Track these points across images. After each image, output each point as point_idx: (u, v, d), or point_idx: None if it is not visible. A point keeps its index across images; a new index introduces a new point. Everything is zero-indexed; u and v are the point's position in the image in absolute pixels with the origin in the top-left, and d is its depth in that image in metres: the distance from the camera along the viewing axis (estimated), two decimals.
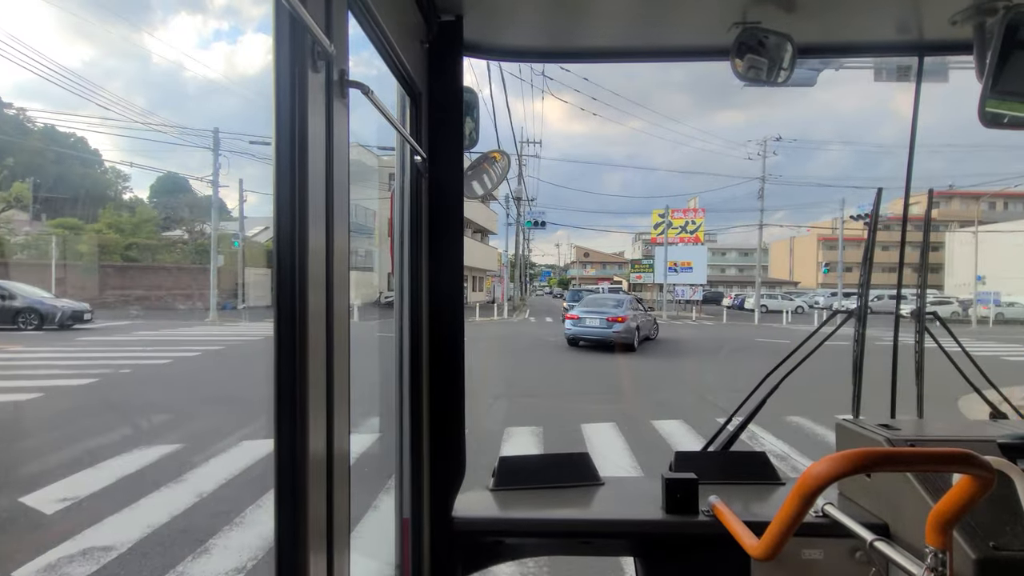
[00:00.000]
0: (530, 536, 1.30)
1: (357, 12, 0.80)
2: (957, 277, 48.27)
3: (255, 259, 25.93)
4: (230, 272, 23.45)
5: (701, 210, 32.06)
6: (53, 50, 25.65)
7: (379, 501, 3.67)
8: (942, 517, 0.68)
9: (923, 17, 1.24)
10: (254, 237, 29.82)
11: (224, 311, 22.42)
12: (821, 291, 45.14)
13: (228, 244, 23.45)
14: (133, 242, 20.10)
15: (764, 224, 30.42)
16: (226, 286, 23.06)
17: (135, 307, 15.66)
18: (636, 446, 5.64)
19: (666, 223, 31.24)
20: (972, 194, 55.60)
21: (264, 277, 25.70)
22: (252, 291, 24.00)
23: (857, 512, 1.20)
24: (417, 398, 1.20)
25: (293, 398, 0.63)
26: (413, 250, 1.19)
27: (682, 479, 1.22)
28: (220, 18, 69.90)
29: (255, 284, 24.61)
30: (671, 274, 30.68)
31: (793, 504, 0.72)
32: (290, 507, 0.63)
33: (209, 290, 19.44)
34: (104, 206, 20.52)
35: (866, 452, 0.68)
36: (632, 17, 1.27)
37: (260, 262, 26.10)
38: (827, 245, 58.46)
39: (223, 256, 19.63)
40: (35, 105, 17.47)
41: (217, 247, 17.88)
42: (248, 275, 24.13)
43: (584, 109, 45.03)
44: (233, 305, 23.12)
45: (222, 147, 18.59)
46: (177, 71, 53.41)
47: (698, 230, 31.89)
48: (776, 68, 1.23)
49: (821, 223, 55.43)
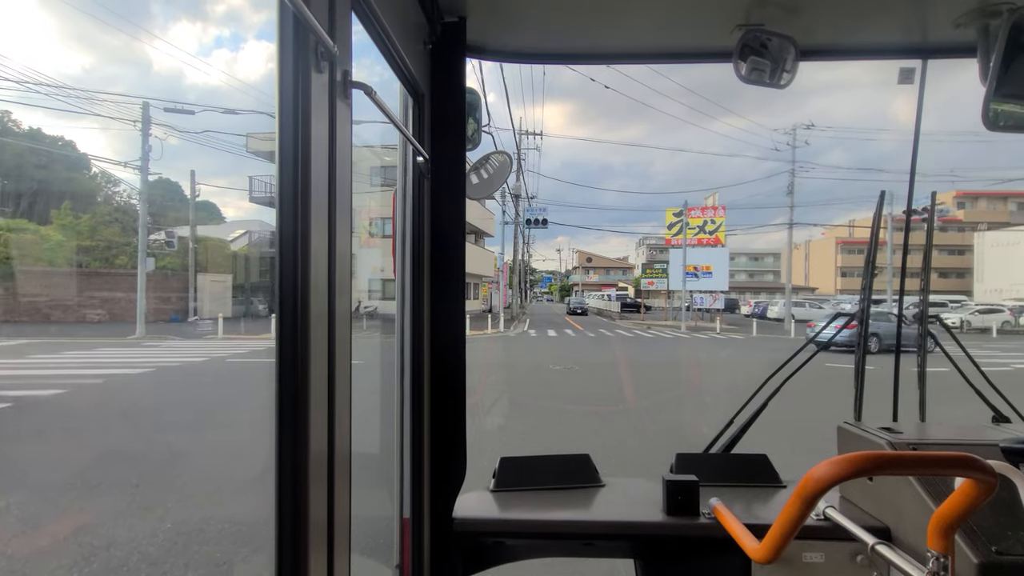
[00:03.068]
0: (531, 537, 1.29)
1: (361, 13, 0.81)
2: (988, 282, 44.97)
3: (215, 264, 22.51)
4: (180, 279, 20.06)
5: (721, 207, 28.60)
6: (53, 54, 23.61)
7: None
8: (944, 521, 0.69)
9: (926, 20, 1.24)
10: (232, 241, 26.54)
11: (173, 324, 19.23)
12: (842, 297, 42.15)
13: (181, 245, 20.07)
14: (83, 245, 17.01)
15: (788, 224, 26.97)
16: (172, 295, 19.69)
17: (26, 319, 12.25)
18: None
19: (683, 223, 27.74)
20: (1000, 194, 52.50)
21: (225, 285, 22.30)
22: (208, 301, 20.59)
23: (858, 515, 1.19)
24: (418, 398, 1.21)
25: (294, 398, 0.63)
26: (415, 250, 1.20)
27: (683, 481, 1.22)
28: (224, 18, 70.22)
29: (213, 293, 21.19)
30: (690, 280, 27.14)
31: (794, 507, 0.72)
32: (290, 507, 0.63)
33: (151, 298, 16.20)
34: (60, 207, 17.73)
35: (868, 455, 0.68)
36: (635, 19, 1.26)
37: (221, 267, 22.68)
38: (845, 249, 55.03)
39: (154, 260, 16.20)
40: (31, 113, 16.59)
41: (147, 248, 14.37)
42: (202, 282, 20.72)
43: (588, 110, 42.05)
44: (183, 318, 19.71)
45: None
46: (179, 72, 53.38)
47: (718, 230, 28.44)
48: (779, 70, 1.24)
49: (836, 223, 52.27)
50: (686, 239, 26.92)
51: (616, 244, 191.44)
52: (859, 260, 56.57)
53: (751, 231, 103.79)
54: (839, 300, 39.21)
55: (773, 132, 25.14)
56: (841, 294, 48.57)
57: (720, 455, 1.48)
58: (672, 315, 34.67)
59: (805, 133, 25.79)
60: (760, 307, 36.86)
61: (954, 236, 54.61)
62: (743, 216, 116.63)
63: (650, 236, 78.67)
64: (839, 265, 55.67)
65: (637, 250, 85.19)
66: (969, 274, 49.64)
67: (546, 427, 6.81)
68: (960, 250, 54.48)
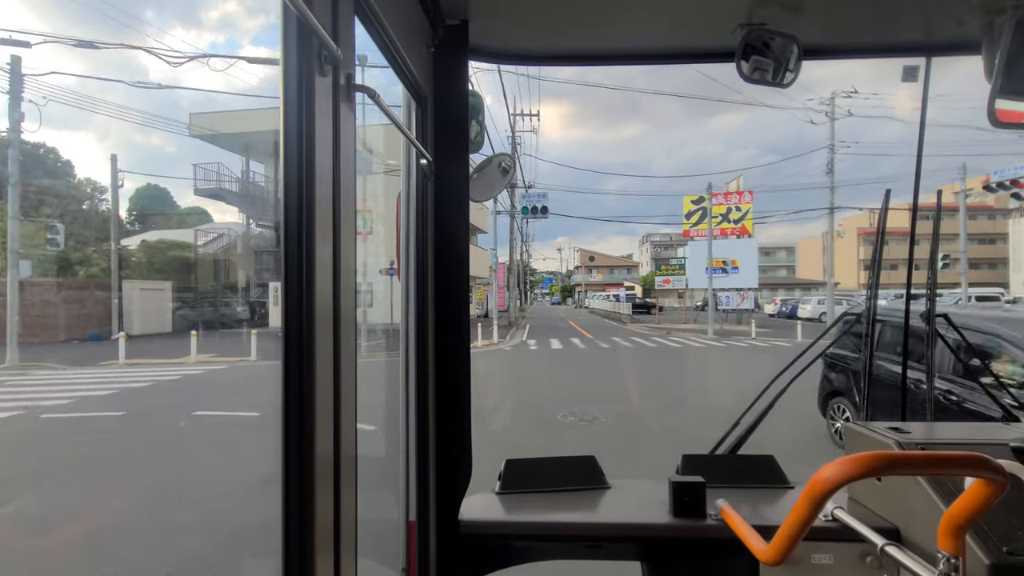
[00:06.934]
0: (537, 540, 1.29)
1: (363, 17, 0.82)
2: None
3: (150, 269, 18.83)
4: (101, 287, 16.35)
5: (748, 192, 24.85)
6: (53, 60, 21.03)
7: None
8: (955, 521, 0.68)
9: (930, 17, 1.25)
10: (205, 246, 22.88)
11: (89, 343, 15.57)
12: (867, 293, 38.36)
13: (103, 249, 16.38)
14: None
15: (829, 209, 23.23)
16: (92, 306, 15.99)
17: None
18: None
19: (705, 210, 23.99)
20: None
21: (161, 293, 18.58)
22: (138, 315, 16.93)
23: (867, 516, 1.18)
24: (423, 400, 1.22)
25: (300, 401, 0.64)
26: (419, 253, 1.21)
27: (689, 482, 1.22)
28: (227, 23, 68.66)
29: (144, 304, 17.49)
30: (717, 276, 23.36)
31: (802, 508, 0.72)
32: (297, 510, 0.64)
33: (62, 313, 12.74)
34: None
35: (876, 455, 0.68)
36: (637, 19, 1.28)
37: (156, 272, 18.98)
38: (868, 240, 51.28)
39: (30, 262, 12.49)
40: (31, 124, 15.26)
41: (18, 247, 10.62)
42: (130, 291, 17.02)
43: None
44: (105, 335, 15.98)
45: None
46: (183, 76, 52.78)
47: (744, 217, 24.71)
48: (782, 69, 1.25)
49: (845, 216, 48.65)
50: (711, 228, 23.14)
51: (617, 244, 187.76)
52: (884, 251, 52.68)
53: (787, 219, 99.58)
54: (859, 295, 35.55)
55: (808, 102, 21.38)
56: (865, 289, 44.96)
57: (726, 456, 1.48)
58: (693, 317, 30.90)
59: (846, 102, 22.00)
60: (789, 306, 33.02)
61: (984, 224, 50.87)
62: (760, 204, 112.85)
63: (655, 234, 75.05)
64: (861, 258, 51.96)
65: (641, 248, 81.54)
66: (1003, 264, 45.86)
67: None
68: (991, 239, 50.66)
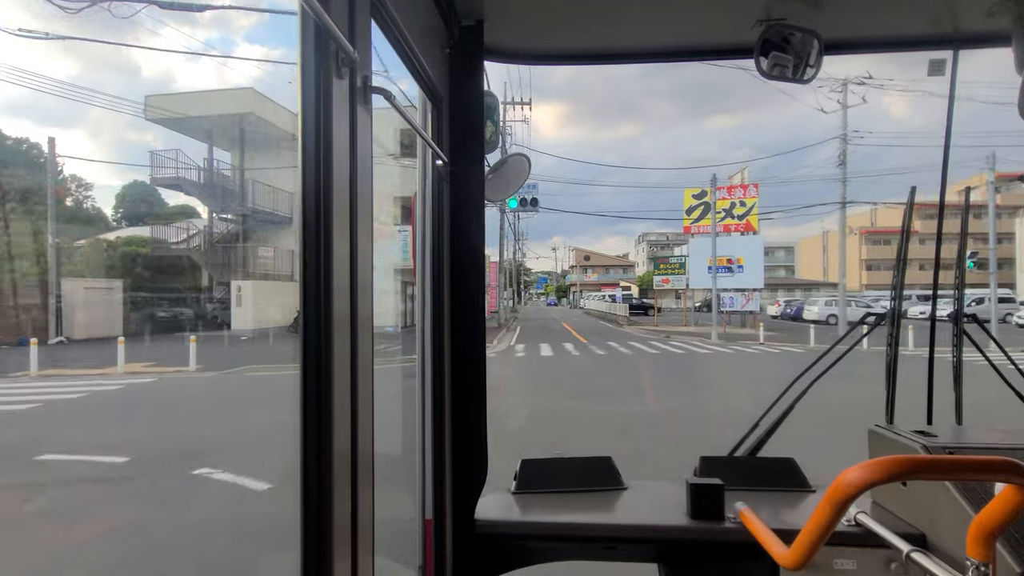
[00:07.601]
0: (553, 540, 1.28)
1: (380, 19, 0.82)
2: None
3: (92, 266, 17.11)
4: (39, 284, 14.59)
5: (753, 186, 23.30)
6: (53, 62, 20.34)
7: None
8: (984, 528, 0.67)
9: (957, 8, 1.22)
10: (177, 245, 21.13)
11: (21, 348, 13.86)
12: (870, 294, 37.03)
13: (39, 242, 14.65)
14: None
15: (841, 204, 21.66)
16: (29, 307, 14.24)
17: None
18: None
19: (708, 205, 22.40)
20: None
21: (109, 294, 16.82)
22: (81, 315, 15.22)
23: (892, 521, 1.16)
24: (439, 399, 1.22)
25: (319, 400, 0.64)
26: (435, 254, 1.22)
27: (708, 484, 1.21)
28: (245, 26, 68.16)
29: (88, 305, 15.74)
30: (722, 275, 21.77)
31: (824, 512, 0.71)
32: (315, 508, 0.65)
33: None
34: None
35: (902, 459, 0.67)
36: (653, 17, 1.27)
37: (100, 269, 17.25)
38: (870, 239, 49.88)
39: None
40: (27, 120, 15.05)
41: None
42: (72, 289, 15.28)
43: None
44: (40, 340, 14.22)
45: None
46: (203, 78, 54.12)
47: (749, 213, 23.16)
48: (803, 65, 1.23)
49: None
50: (715, 224, 21.55)
51: (613, 243, 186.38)
52: (886, 251, 51.35)
53: (785, 218, 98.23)
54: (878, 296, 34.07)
55: (818, 89, 19.77)
56: (867, 290, 43.51)
57: (745, 458, 1.46)
58: (693, 319, 29.32)
59: (860, 89, 20.43)
60: (794, 307, 31.45)
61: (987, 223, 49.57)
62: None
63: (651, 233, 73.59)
64: (863, 258, 50.49)
65: (637, 247, 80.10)
66: (1009, 265, 44.53)
67: None
68: (997, 238, 49.40)
